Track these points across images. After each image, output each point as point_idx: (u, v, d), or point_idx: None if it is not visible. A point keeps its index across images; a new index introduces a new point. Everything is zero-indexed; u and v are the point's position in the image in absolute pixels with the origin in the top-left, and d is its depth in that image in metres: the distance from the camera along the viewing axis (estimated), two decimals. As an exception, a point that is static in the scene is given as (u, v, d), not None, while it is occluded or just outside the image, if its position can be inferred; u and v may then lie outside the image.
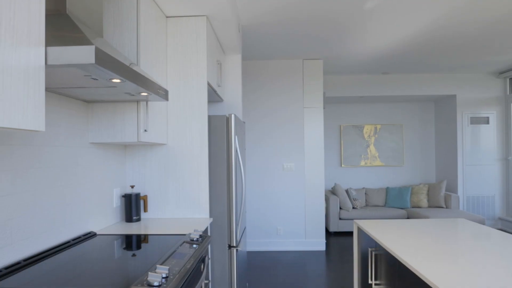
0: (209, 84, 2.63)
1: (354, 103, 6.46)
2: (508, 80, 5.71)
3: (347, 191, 5.89)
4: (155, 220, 2.37)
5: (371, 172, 6.44)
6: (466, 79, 5.75)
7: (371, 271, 2.02)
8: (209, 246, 2.43)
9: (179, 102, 2.48)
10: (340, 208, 5.69)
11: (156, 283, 1.17)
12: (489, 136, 5.76)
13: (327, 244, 5.05)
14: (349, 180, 6.44)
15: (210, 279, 2.46)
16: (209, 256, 2.45)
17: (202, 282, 1.89)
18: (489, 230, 2.05)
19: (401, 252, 1.59)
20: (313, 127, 4.83)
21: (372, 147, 6.44)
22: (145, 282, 1.19)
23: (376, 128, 6.45)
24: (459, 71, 5.60)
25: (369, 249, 2.02)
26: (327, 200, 5.74)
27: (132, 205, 2.31)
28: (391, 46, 4.28)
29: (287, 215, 4.81)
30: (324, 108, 4.85)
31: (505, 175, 5.76)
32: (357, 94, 5.79)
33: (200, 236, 1.87)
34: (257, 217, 4.82)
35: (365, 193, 6.13)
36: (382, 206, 5.98)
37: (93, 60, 1.17)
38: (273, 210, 4.82)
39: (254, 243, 4.81)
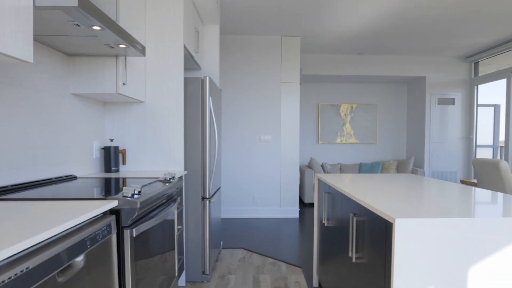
0: (186, 48, 2.81)
1: (331, 82, 6.71)
2: (473, 64, 6.05)
3: (322, 165, 6.20)
4: (133, 172, 2.57)
5: (346, 149, 6.75)
6: (435, 62, 6.06)
7: (324, 213, 2.29)
8: (183, 197, 2.66)
9: (157, 63, 2.66)
10: (315, 181, 5.99)
11: (129, 195, 1.39)
12: (454, 116, 6.13)
13: (301, 213, 5.36)
14: (325, 156, 6.74)
15: (184, 226, 2.70)
16: (183, 205, 2.68)
17: (175, 226, 2.12)
18: (430, 180, 2.34)
19: (346, 188, 1.85)
20: (290, 102, 5.06)
21: (348, 125, 6.74)
22: (120, 194, 1.41)
23: (352, 107, 6.73)
24: (429, 54, 5.90)
25: (324, 193, 2.29)
26: (303, 173, 6.04)
27: (111, 157, 2.50)
28: (364, 26, 4.51)
29: (263, 185, 5.08)
30: (300, 84, 5.07)
31: (466, 152, 6.16)
32: (334, 73, 6.03)
33: (173, 178, 2.09)
34: (235, 186, 5.07)
35: (340, 168, 6.45)
36: (354, 180, 6.31)
37: (76, 3, 1.35)
38: (251, 179, 5.07)
39: (232, 210, 5.07)
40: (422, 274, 1.16)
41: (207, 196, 2.75)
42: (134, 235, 1.39)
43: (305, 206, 5.94)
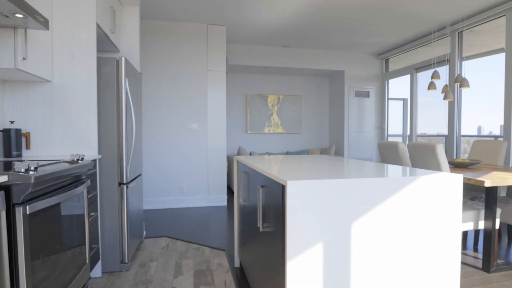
0: (99, 27, 2.66)
1: (259, 73, 6.88)
2: (384, 61, 6.69)
3: (250, 154, 6.35)
4: (39, 157, 2.38)
5: (274, 138, 7.00)
6: (353, 57, 6.57)
7: (240, 193, 2.38)
8: (97, 182, 2.54)
9: (66, 39, 2.48)
10: (243, 169, 6.12)
11: (22, 170, 1.29)
12: (369, 108, 6.72)
13: (229, 201, 5.44)
14: (254, 145, 6.91)
15: (99, 212, 2.58)
16: (98, 191, 2.56)
17: (85, 212, 2.02)
18: (339, 158, 2.55)
19: (257, 164, 1.94)
20: (216, 91, 5.09)
21: (275, 116, 6.98)
22: (11, 170, 1.31)
23: (279, 98, 6.99)
24: (347, 50, 6.37)
25: (240, 173, 2.37)
26: (231, 162, 6.12)
27: (12, 140, 2.29)
28: (287, 20, 4.70)
29: (191, 174, 5.05)
30: (227, 73, 5.13)
31: (379, 140, 6.81)
32: (261, 64, 6.19)
33: (81, 159, 1.99)
34: (163, 175, 4.96)
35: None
36: (281, 168, 6.58)
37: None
38: (178, 168, 5.00)
39: (159, 201, 4.96)
40: (313, 230, 1.28)
41: (124, 181, 2.66)
42: (28, 212, 1.30)
43: (233, 194, 6.03)
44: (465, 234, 3.64)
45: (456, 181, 1.47)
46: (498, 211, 2.78)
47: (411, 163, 3.08)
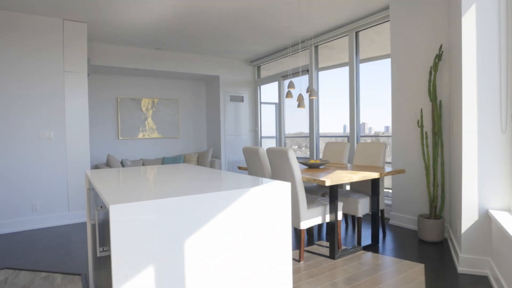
0: None
1: (131, 75, 6.48)
2: (256, 68, 7.10)
3: (122, 162, 5.92)
4: None
5: (150, 144, 6.69)
6: (227, 63, 6.77)
7: (89, 212, 2.16)
8: None
9: None
10: (114, 179, 5.67)
11: None
12: (244, 112, 7.03)
13: (96, 215, 4.95)
14: (127, 152, 6.48)
15: None
16: None
17: None
18: (199, 169, 2.55)
19: (99, 180, 1.78)
20: (76, 94, 4.57)
21: (150, 120, 6.68)
22: None
23: (153, 101, 6.71)
24: (222, 55, 6.53)
25: (86, 190, 2.15)
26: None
27: None
28: (156, 21, 4.52)
29: (46, 189, 4.41)
30: (89, 75, 4.66)
31: (254, 143, 7.19)
32: (133, 66, 5.84)
33: None
34: (10, 194, 4.19)
35: (142, 164, 6.33)
36: (158, 175, 6.34)
37: None
38: (28, 184, 4.30)
39: (6, 224, 4.17)
40: (142, 253, 1.22)
41: None
42: None
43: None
44: (320, 226, 4.10)
45: (284, 188, 1.61)
46: (340, 205, 3.21)
47: (270, 167, 3.31)
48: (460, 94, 2.68)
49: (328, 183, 2.72)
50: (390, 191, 4.25)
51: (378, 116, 5.20)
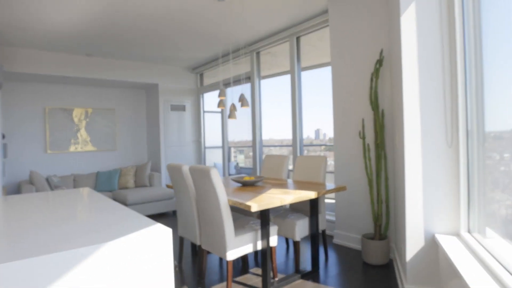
0: None
1: (61, 84, 5.56)
2: (198, 75, 6.45)
3: (47, 179, 4.98)
4: None
5: (83, 157, 5.78)
6: (167, 70, 6.07)
7: None
8: None
9: None
10: (34, 199, 4.73)
11: None
12: (186, 121, 6.34)
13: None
14: (57, 167, 5.53)
15: None
16: None
17: None
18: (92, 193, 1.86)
19: None
20: (-23, 104, 3.66)
21: (83, 131, 5.78)
22: None
23: (87, 112, 5.82)
24: (161, 62, 5.82)
25: None
26: (20, 189, 4.65)
27: None
28: (80, 25, 3.74)
29: None
30: (0, 85, 3.78)
31: (198, 154, 6.52)
32: (61, 73, 4.96)
33: None
34: None
35: (74, 179, 5.42)
36: (91, 192, 5.45)
37: None
38: None
39: None
40: None
41: None
42: None
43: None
44: (255, 253, 3.51)
45: (163, 234, 1.00)
46: (275, 229, 2.66)
47: (194, 187, 2.68)
48: (401, 102, 2.24)
49: (254, 209, 2.14)
50: (334, 201, 3.78)
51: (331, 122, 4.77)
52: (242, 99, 3.30)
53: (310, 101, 4.52)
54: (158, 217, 5.11)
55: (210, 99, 6.54)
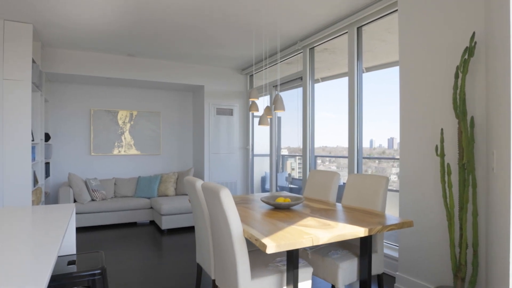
0: None
1: (106, 85, 5.60)
2: (248, 77, 6.03)
3: (86, 182, 4.97)
4: None
5: (125, 161, 5.74)
6: (214, 71, 5.75)
7: None
8: None
9: None
10: (75, 201, 4.73)
11: None
12: (233, 127, 5.95)
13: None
14: (99, 170, 5.55)
15: None
16: None
17: None
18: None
19: None
20: (17, 104, 3.68)
21: (127, 134, 5.74)
22: None
23: (132, 114, 5.78)
24: (206, 63, 5.52)
25: None
26: (57, 193, 4.68)
27: None
28: (116, 23, 3.57)
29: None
30: (33, 82, 3.78)
31: (245, 162, 6.07)
32: (102, 74, 4.94)
33: None
34: None
35: (115, 183, 5.37)
36: (131, 196, 5.35)
37: None
38: None
39: None
40: None
41: None
42: None
43: (58, 234, 4.58)
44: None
45: None
46: (308, 272, 2.03)
47: (207, 208, 2.19)
48: (509, 107, 1.48)
49: (270, 250, 1.56)
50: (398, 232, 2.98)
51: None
52: (276, 100, 2.74)
53: (386, 102, 3.77)
54: (192, 230, 4.76)
55: (261, 103, 6.07)
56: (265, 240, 1.61)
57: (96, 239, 4.29)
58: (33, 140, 4.08)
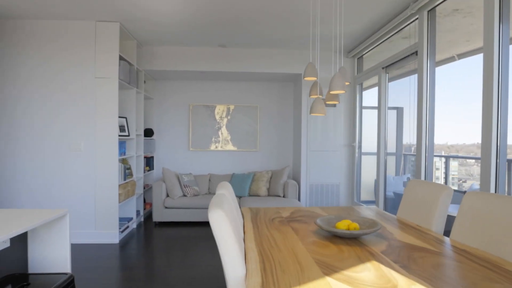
0: None
1: (202, 80, 5.63)
2: (356, 60, 5.07)
3: (178, 177, 5.09)
4: None
5: (222, 157, 5.68)
6: (315, 56, 5.05)
7: None
8: None
9: None
10: (168, 195, 4.90)
11: None
12: (336, 120, 5.13)
13: (147, 235, 4.25)
14: (196, 165, 5.65)
15: None
16: None
17: None
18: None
19: None
20: (108, 102, 3.95)
21: (224, 130, 5.67)
22: None
23: (229, 108, 5.67)
24: (308, 47, 4.87)
25: None
26: (152, 186, 4.93)
27: None
28: (203, 11, 3.40)
29: (74, 202, 3.95)
30: (120, 79, 3.98)
31: (350, 161, 5.17)
32: (196, 68, 4.95)
33: None
34: (36, 206, 3.93)
35: (209, 180, 5.37)
36: (225, 194, 5.23)
37: None
38: (59, 196, 3.94)
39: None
40: None
41: None
42: None
43: (155, 225, 4.82)
44: None
45: None
46: None
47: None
48: None
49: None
50: None
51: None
52: (335, 76, 1.93)
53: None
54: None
55: (370, 93, 5.07)
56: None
57: (181, 236, 4.29)
58: (128, 135, 4.35)
